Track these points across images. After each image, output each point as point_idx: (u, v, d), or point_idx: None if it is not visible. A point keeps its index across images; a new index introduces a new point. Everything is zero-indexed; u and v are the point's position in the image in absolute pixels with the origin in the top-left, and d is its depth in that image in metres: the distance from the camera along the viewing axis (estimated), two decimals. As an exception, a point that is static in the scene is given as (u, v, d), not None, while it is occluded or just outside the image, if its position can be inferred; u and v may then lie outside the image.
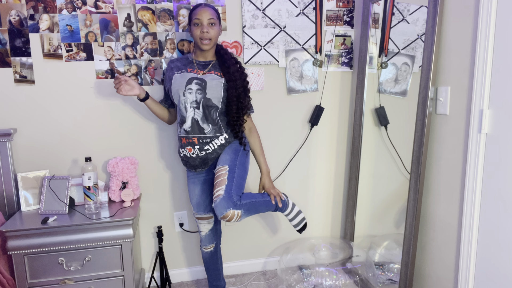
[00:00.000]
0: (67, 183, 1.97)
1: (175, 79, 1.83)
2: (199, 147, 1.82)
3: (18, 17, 1.97)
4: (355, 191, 2.37)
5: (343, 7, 2.31)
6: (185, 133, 1.82)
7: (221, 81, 1.82)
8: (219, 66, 1.87)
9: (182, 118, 1.82)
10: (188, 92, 1.79)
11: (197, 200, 1.94)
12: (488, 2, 1.43)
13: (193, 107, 1.79)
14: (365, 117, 2.30)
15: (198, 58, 1.88)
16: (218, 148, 1.85)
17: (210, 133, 1.82)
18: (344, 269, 2.36)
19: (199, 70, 1.85)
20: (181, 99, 1.80)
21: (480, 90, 1.49)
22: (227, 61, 1.84)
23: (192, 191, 1.95)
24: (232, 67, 1.83)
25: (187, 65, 1.87)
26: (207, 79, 1.81)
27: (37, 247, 1.77)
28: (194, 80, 1.80)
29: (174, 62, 1.92)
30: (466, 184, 1.57)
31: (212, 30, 1.79)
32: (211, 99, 1.79)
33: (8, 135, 1.96)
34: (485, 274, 1.55)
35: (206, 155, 1.84)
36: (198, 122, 1.80)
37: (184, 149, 1.86)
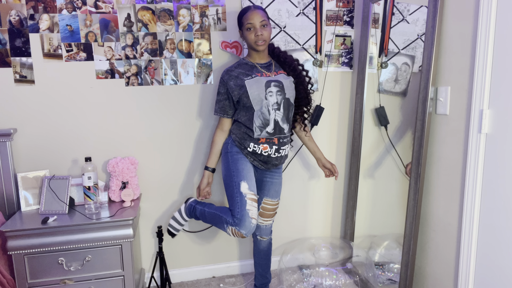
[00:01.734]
0: (67, 183, 1.97)
1: (250, 85, 1.82)
2: (277, 147, 1.88)
3: (18, 17, 1.97)
4: (355, 191, 2.37)
5: (343, 7, 2.31)
6: (268, 135, 1.85)
7: (291, 79, 1.90)
8: (279, 65, 1.94)
9: (265, 121, 1.84)
10: (269, 95, 1.82)
11: (253, 182, 1.85)
12: (488, 2, 1.43)
13: (275, 108, 1.83)
14: (365, 117, 2.30)
15: (258, 61, 1.91)
16: (284, 157, 1.95)
17: (287, 132, 1.90)
18: (344, 269, 2.36)
19: (267, 72, 1.88)
20: (263, 103, 1.82)
21: (480, 90, 1.49)
22: (286, 59, 1.92)
23: (249, 171, 1.87)
24: (293, 64, 1.92)
25: (252, 70, 1.88)
26: (281, 79, 1.87)
27: (37, 247, 1.77)
28: (272, 82, 1.84)
29: (233, 70, 1.89)
30: (466, 184, 1.57)
31: (265, 31, 1.81)
32: (289, 99, 1.88)
33: (8, 135, 1.96)
34: (485, 274, 1.55)
35: (274, 158, 1.89)
36: (278, 123, 1.85)
37: (258, 146, 1.86)
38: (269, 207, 2.00)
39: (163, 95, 2.18)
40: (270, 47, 1.95)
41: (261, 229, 2.04)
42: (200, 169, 2.29)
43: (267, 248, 2.10)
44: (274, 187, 1.98)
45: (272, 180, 1.98)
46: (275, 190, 1.99)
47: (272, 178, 1.98)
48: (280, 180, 2.01)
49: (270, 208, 2.00)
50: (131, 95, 2.15)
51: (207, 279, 2.39)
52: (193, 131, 2.25)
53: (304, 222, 2.51)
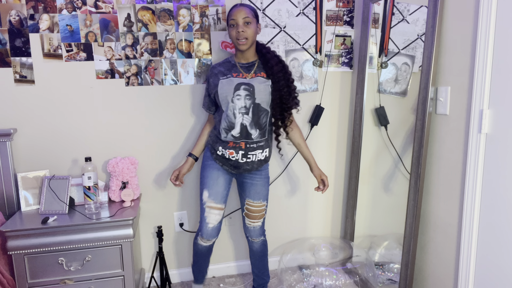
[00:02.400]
0: (67, 183, 1.97)
1: (222, 85, 1.80)
2: (244, 152, 1.82)
3: (18, 17, 1.97)
4: (355, 191, 2.37)
5: (343, 7, 2.31)
6: (233, 138, 1.81)
7: (268, 83, 1.79)
8: (262, 66, 1.84)
9: (230, 124, 1.80)
10: (237, 98, 1.77)
11: (217, 189, 1.89)
12: (488, 2, 1.43)
13: (242, 112, 1.78)
14: (365, 117, 2.30)
15: (240, 61, 1.85)
16: (257, 163, 1.87)
17: (257, 138, 1.82)
18: (344, 269, 2.36)
19: (245, 73, 1.82)
20: (229, 106, 1.78)
21: (480, 90, 1.49)
22: (270, 60, 1.80)
23: (214, 178, 1.89)
24: (276, 67, 1.79)
25: (231, 69, 1.84)
26: (255, 83, 1.78)
27: (37, 247, 1.77)
28: (242, 85, 1.77)
29: (216, 67, 1.89)
30: (466, 184, 1.57)
31: (248, 29, 1.74)
32: (260, 104, 1.78)
33: (8, 135, 1.96)
34: (485, 274, 1.55)
35: (244, 163, 1.85)
36: (246, 127, 1.79)
37: (225, 150, 1.84)
38: (253, 208, 1.95)
39: (163, 95, 2.18)
40: (258, 46, 1.87)
41: (250, 230, 2.00)
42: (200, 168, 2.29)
43: (261, 249, 2.06)
44: (254, 188, 1.92)
45: (252, 181, 1.92)
46: (256, 192, 1.92)
47: (252, 180, 1.92)
48: (262, 181, 1.94)
49: (254, 209, 1.95)
50: (131, 95, 2.15)
51: (207, 279, 2.38)
52: (193, 131, 2.25)
53: (304, 222, 2.51)
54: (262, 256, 2.08)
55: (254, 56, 1.86)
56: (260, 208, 1.95)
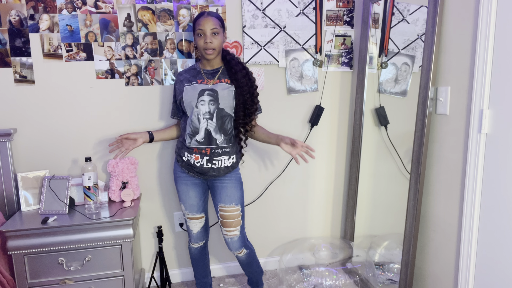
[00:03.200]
0: (67, 183, 1.97)
1: (186, 91, 1.83)
2: (209, 158, 1.82)
3: (18, 17, 1.97)
4: (355, 191, 2.37)
5: (343, 7, 2.31)
6: (197, 143, 1.82)
7: (232, 89, 1.82)
8: (227, 72, 1.87)
9: (194, 129, 1.81)
10: (201, 103, 1.79)
11: (190, 202, 1.92)
12: (488, 2, 1.43)
13: (206, 118, 1.79)
14: (365, 117, 2.30)
15: (206, 67, 1.88)
16: (223, 169, 1.85)
17: (222, 143, 1.82)
18: (344, 269, 2.36)
19: (209, 79, 1.84)
20: (194, 111, 1.80)
21: (480, 90, 1.49)
22: (234, 67, 1.84)
23: (185, 192, 1.92)
24: (239, 73, 1.82)
25: (196, 76, 1.87)
26: (218, 89, 1.81)
27: (37, 247, 1.77)
28: (206, 91, 1.80)
29: (182, 74, 1.92)
30: (466, 184, 1.57)
31: (215, 39, 1.78)
32: (224, 109, 1.81)
33: (8, 135, 1.96)
34: (485, 274, 1.55)
35: (209, 169, 1.84)
36: (210, 133, 1.80)
37: (191, 156, 1.84)
38: (226, 214, 1.88)
39: (163, 95, 2.18)
40: (223, 53, 1.89)
41: (228, 243, 1.93)
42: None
43: (247, 261, 2.00)
44: (225, 191, 1.87)
45: (222, 184, 1.87)
46: (227, 195, 1.87)
47: (222, 182, 1.87)
48: (233, 183, 1.88)
49: (227, 215, 1.88)
50: (131, 95, 2.15)
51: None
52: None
53: (304, 222, 2.51)
54: (249, 266, 2.04)
55: (219, 63, 1.89)
56: (234, 213, 1.88)
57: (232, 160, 1.87)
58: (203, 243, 2.03)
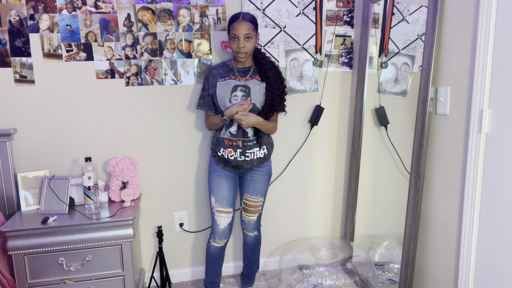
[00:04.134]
0: (67, 183, 1.97)
1: (220, 86, 1.91)
2: (241, 151, 1.91)
3: (18, 17, 1.97)
4: (355, 191, 2.37)
5: (343, 7, 2.31)
6: (230, 135, 1.91)
7: (263, 85, 1.91)
8: (257, 71, 1.94)
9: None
10: (234, 98, 1.88)
11: (222, 194, 1.97)
12: (488, 2, 1.43)
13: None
14: (365, 117, 2.30)
15: (238, 65, 1.95)
16: (256, 160, 1.94)
17: (253, 136, 1.91)
18: (344, 269, 2.36)
19: (241, 77, 1.92)
20: (227, 105, 1.89)
21: (480, 90, 1.49)
22: (265, 65, 1.91)
23: (217, 184, 1.98)
24: (270, 72, 1.90)
25: (229, 72, 1.94)
26: (250, 85, 1.90)
27: (37, 247, 1.77)
28: (238, 87, 1.89)
29: (216, 69, 1.98)
30: (466, 184, 1.57)
31: (248, 44, 1.84)
32: (255, 104, 1.89)
33: (8, 135, 1.96)
34: (485, 274, 1.55)
35: (243, 162, 1.92)
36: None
37: (225, 150, 1.93)
38: (249, 203, 2.04)
39: (163, 95, 2.18)
40: (255, 52, 1.95)
41: (245, 223, 2.11)
42: (200, 168, 2.29)
43: (253, 243, 2.16)
44: (253, 184, 2.00)
45: (253, 178, 2.00)
46: (255, 188, 2.01)
47: (253, 176, 2.00)
48: (262, 178, 2.02)
49: (251, 204, 2.04)
50: (131, 95, 2.15)
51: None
52: (193, 131, 2.25)
53: (304, 222, 2.51)
54: (254, 249, 2.18)
55: (251, 62, 1.96)
56: (256, 204, 2.05)
57: (264, 151, 1.96)
58: (225, 243, 2.05)
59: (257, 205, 2.05)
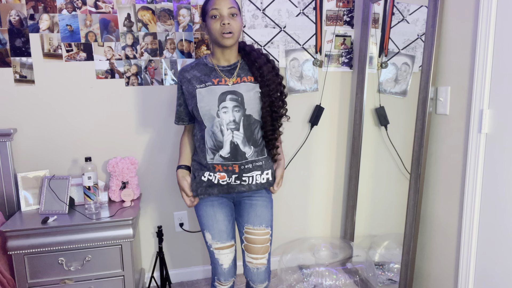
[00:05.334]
0: (67, 183, 1.97)
1: (201, 96, 1.45)
2: (238, 175, 1.49)
3: (18, 17, 1.97)
4: (355, 191, 2.37)
5: (343, 7, 2.31)
6: (222, 160, 1.47)
7: (257, 88, 1.47)
8: (248, 68, 1.52)
9: (217, 143, 1.46)
10: (223, 111, 1.44)
11: (219, 227, 1.54)
12: (488, 2, 1.43)
13: (231, 128, 1.44)
14: (365, 117, 2.30)
15: (220, 63, 1.52)
16: (255, 185, 1.53)
17: (252, 156, 1.48)
18: (344, 269, 2.36)
19: (226, 78, 1.49)
20: (215, 121, 1.44)
21: (480, 90, 1.49)
22: (257, 60, 1.48)
23: (211, 216, 1.54)
24: (265, 68, 1.47)
25: (210, 74, 1.49)
26: (242, 90, 1.46)
27: (37, 247, 1.76)
28: (228, 95, 1.44)
29: (188, 71, 1.53)
30: (466, 184, 1.57)
31: (234, 21, 1.42)
32: (251, 115, 1.46)
33: (8, 135, 1.96)
34: (485, 274, 1.55)
35: (239, 185, 1.51)
36: (238, 146, 1.46)
37: (214, 175, 1.49)
38: (254, 237, 1.54)
39: (163, 95, 2.18)
40: (240, 45, 1.55)
41: (252, 273, 1.58)
42: (200, 169, 2.29)
43: None
44: (254, 210, 1.55)
45: (251, 201, 1.55)
46: (257, 215, 1.54)
47: (251, 199, 1.55)
48: (263, 201, 1.56)
49: (256, 239, 1.54)
50: (131, 95, 2.15)
51: (207, 279, 2.39)
52: (193, 131, 2.25)
53: (304, 222, 2.51)
54: None
55: (236, 57, 1.53)
56: (263, 237, 1.55)
57: (267, 176, 1.54)
58: (233, 282, 1.65)
59: (264, 239, 1.55)
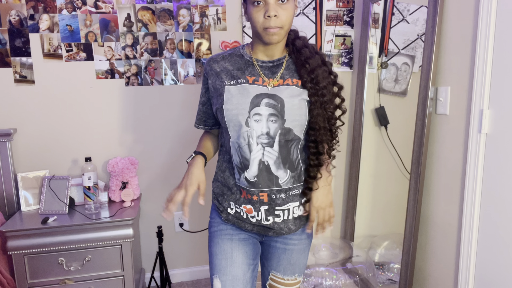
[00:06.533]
0: (67, 183, 1.97)
1: (229, 95, 1.11)
2: (268, 208, 1.14)
3: (18, 17, 1.97)
4: (355, 191, 2.37)
5: (343, 7, 2.31)
6: (248, 184, 1.13)
7: (304, 96, 1.12)
8: (295, 68, 1.16)
9: (243, 160, 1.12)
10: (255, 118, 1.09)
11: (234, 273, 1.18)
12: (488, 2, 1.43)
13: (263, 143, 1.10)
14: (365, 117, 2.30)
15: (260, 56, 1.16)
16: (293, 222, 1.18)
17: (287, 184, 1.14)
18: (344, 269, 2.36)
19: (267, 77, 1.13)
20: (242, 131, 1.10)
21: (480, 90, 1.49)
22: (308, 59, 1.12)
23: (227, 254, 1.20)
24: (319, 71, 1.12)
25: (245, 69, 1.15)
26: (284, 95, 1.10)
27: (37, 247, 1.76)
28: (264, 99, 1.10)
29: (219, 61, 1.17)
30: (466, 184, 1.57)
31: (283, 11, 1.05)
32: (292, 130, 1.10)
33: (8, 135, 1.96)
34: (485, 274, 1.55)
35: (272, 225, 1.16)
36: (269, 168, 1.11)
37: (240, 207, 1.17)
38: (279, 286, 1.26)
39: (163, 95, 2.18)
40: (290, 36, 1.19)
41: None
42: (200, 169, 2.29)
43: None
44: (288, 257, 1.23)
45: (286, 246, 1.22)
46: (290, 263, 1.23)
47: (286, 244, 1.22)
48: (301, 245, 1.23)
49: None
50: (131, 95, 2.15)
51: (207, 279, 2.38)
52: (193, 131, 2.25)
53: (304, 222, 2.51)
54: None
55: (283, 50, 1.17)
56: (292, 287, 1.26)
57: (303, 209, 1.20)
58: None
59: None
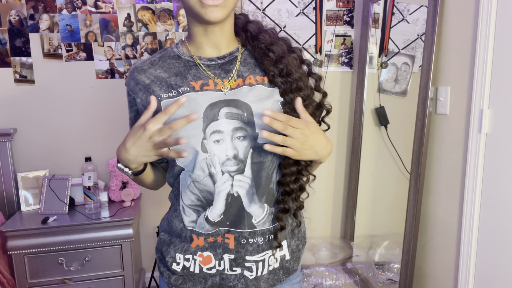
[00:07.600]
0: (67, 183, 1.97)
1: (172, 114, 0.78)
2: (235, 257, 0.85)
3: (18, 17, 1.97)
4: (355, 191, 2.37)
5: (343, 7, 2.31)
6: (210, 227, 0.84)
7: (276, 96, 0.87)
8: (255, 61, 0.88)
9: (204, 196, 0.84)
10: (214, 140, 0.81)
11: None
12: (488, 2, 1.43)
13: (229, 171, 0.82)
14: (365, 117, 2.29)
15: (204, 52, 0.87)
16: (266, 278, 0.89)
17: (263, 223, 0.87)
18: (344, 269, 2.36)
19: (219, 78, 0.85)
20: (198, 160, 0.81)
21: (480, 90, 1.49)
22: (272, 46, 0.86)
23: None
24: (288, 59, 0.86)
25: (186, 72, 0.85)
26: (249, 99, 0.83)
27: (37, 247, 1.76)
28: (221, 108, 0.81)
29: (146, 70, 0.86)
30: (466, 184, 1.57)
31: None
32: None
33: (8, 135, 1.96)
34: (485, 274, 1.55)
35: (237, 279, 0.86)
36: (240, 201, 0.83)
37: (194, 256, 0.86)
38: None
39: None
40: (240, 21, 0.91)
41: None
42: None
43: None
44: None
45: None
46: None
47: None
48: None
49: None
50: (131, 95, 2.15)
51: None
52: (193, 131, 2.25)
53: (304, 222, 2.51)
54: None
55: (232, 40, 0.89)
56: None
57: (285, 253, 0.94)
58: None
59: None
